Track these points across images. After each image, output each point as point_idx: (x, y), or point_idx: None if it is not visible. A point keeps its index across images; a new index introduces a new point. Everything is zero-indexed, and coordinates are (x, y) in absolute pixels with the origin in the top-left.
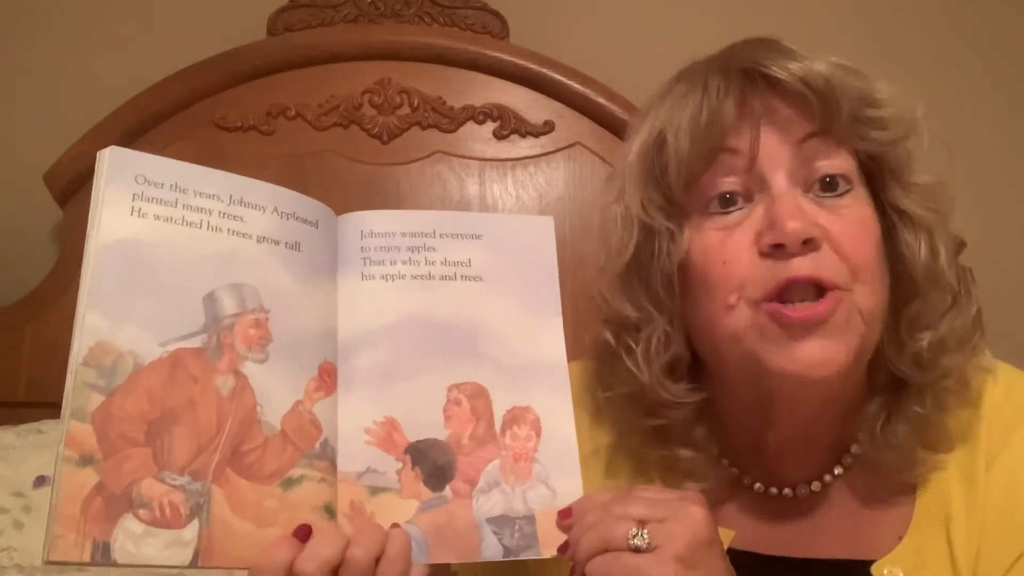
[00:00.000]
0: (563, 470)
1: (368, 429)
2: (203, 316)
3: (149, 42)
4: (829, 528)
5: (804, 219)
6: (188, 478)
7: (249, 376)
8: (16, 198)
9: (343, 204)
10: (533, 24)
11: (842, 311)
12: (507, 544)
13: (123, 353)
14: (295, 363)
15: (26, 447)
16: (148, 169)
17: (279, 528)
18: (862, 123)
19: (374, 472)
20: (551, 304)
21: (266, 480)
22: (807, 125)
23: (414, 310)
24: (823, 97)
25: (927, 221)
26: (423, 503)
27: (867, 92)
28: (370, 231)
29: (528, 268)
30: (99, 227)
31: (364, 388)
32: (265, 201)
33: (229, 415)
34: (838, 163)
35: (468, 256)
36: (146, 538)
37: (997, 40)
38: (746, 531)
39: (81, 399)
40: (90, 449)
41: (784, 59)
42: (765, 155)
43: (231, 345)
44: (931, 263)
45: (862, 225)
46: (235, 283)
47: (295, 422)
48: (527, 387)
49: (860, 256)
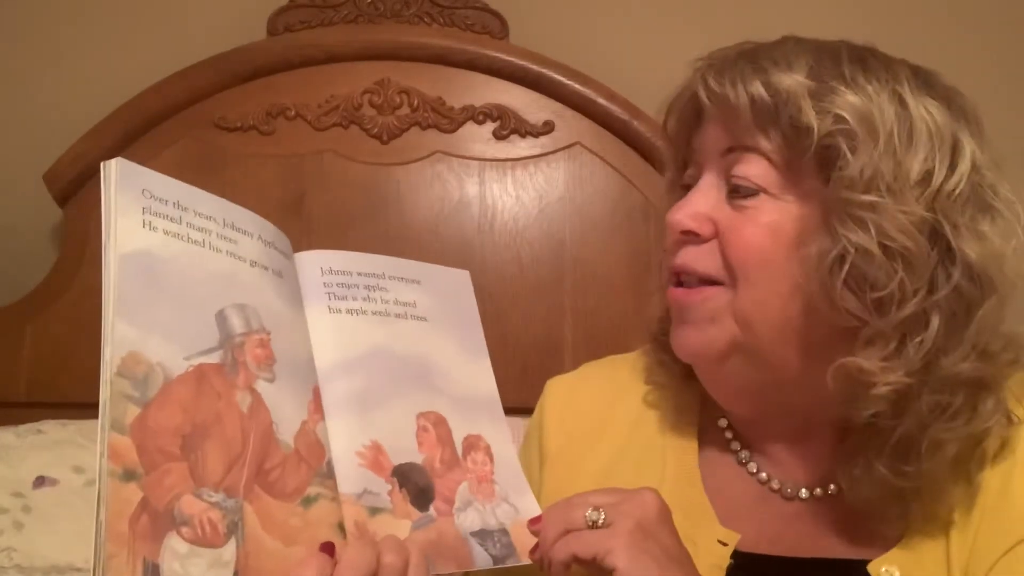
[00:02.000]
0: (517, 490)
1: (359, 452)
2: (217, 332)
3: (149, 42)
4: (829, 528)
5: (688, 213)
6: (223, 495)
7: (262, 394)
8: (16, 198)
9: (343, 204)
10: (533, 24)
11: (708, 305)
12: (493, 553)
13: (153, 365)
14: (297, 384)
15: (26, 447)
16: (153, 185)
17: (303, 546)
18: (788, 133)
19: (370, 493)
20: (480, 346)
21: (289, 498)
22: (726, 138)
23: (378, 342)
24: (734, 117)
25: (864, 204)
26: (414, 522)
27: (791, 107)
28: (330, 268)
29: (457, 313)
30: (116, 236)
31: (349, 413)
32: (251, 228)
33: (251, 431)
34: (745, 171)
35: (413, 298)
36: (191, 558)
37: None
38: (751, 530)
39: (119, 410)
40: (132, 463)
41: (718, 76)
42: (702, 157)
43: (244, 363)
44: (877, 253)
45: (759, 226)
46: (240, 303)
47: (306, 441)
48: (474, 418)
49: (741, 254)
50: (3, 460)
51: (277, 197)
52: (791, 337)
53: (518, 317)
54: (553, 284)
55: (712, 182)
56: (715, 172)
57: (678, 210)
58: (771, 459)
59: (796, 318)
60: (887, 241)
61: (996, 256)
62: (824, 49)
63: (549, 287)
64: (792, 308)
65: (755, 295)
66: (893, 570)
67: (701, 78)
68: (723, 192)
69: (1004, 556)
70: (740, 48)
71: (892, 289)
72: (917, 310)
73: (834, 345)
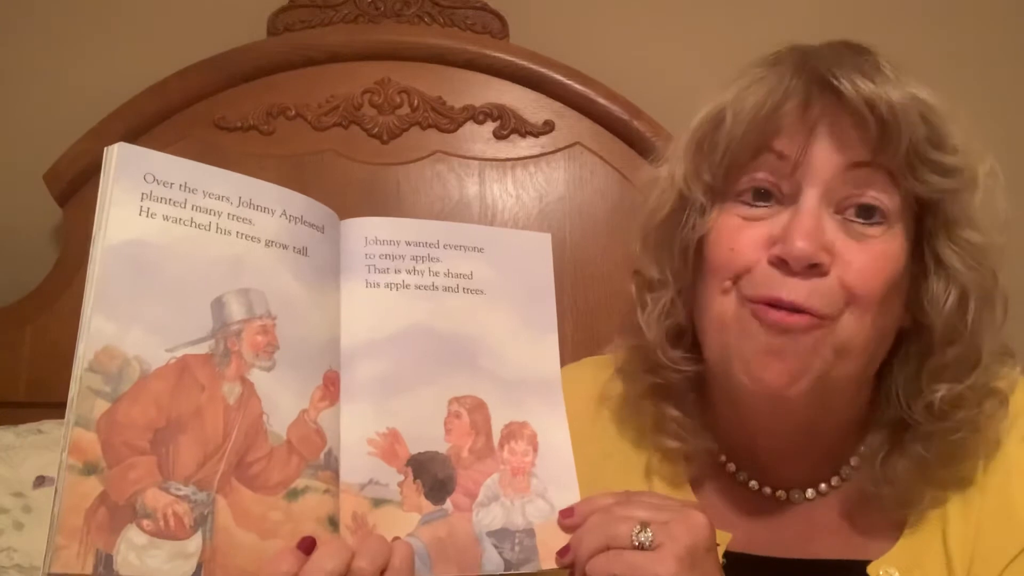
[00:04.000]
0: (561, 485)
1: (371, 440)
2: (211, 321)
3: (149, 42)
4: (825, 530)
5: (816, 242)
6: (193, 488)
7: (256, 384)
8: (16, 198)
9: (343, 204)
10: (533, 24)
11: (811, 337)
12: (507, 557)
13: (130, 359)
14: (301, 371)
15: (26, 447)
16: (157, 168)
17: (283, 540)
18: (923, 163)
19: (376, 484)
20: (547, 320)
21: (271, 491)
22: (861, 151)
23: (417, 320)
24: (884, 126)
25: (964, 279)
26: (424, 516)
27: (937, 133)
28: (375, 238)
29: (527, 284)
30: (106, 227)
31: (367, 398)
32: (274, 204)
33: (235, 424)
34: (881, 197)
35: (470, 269)
36: (149, 549)
37: None
38: (743, 533)
39: (86, 406)
40: (94, 458)
41: (861, 75)
42: (808, 168)
43: (239, 352)
44: (954, 319)
45: (879, 259)
46: (243, 288)
47: (301, 432)
48: (524, 402)
49: (864, 289)
50: (3, 460)
51: None
52: (873, 361)
53: None
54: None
55: (818, 202)
56: (823, 189)
57: (802, 238)
58: (760, 469)
59: (883, 344)
60: (987, 279)
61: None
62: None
63: None
64: (885, 334)
65: (863, 326)
66: (892, 571)
67: (842, 76)
68: (829, 211)
69: (1013, 562)
70: (847, 45)
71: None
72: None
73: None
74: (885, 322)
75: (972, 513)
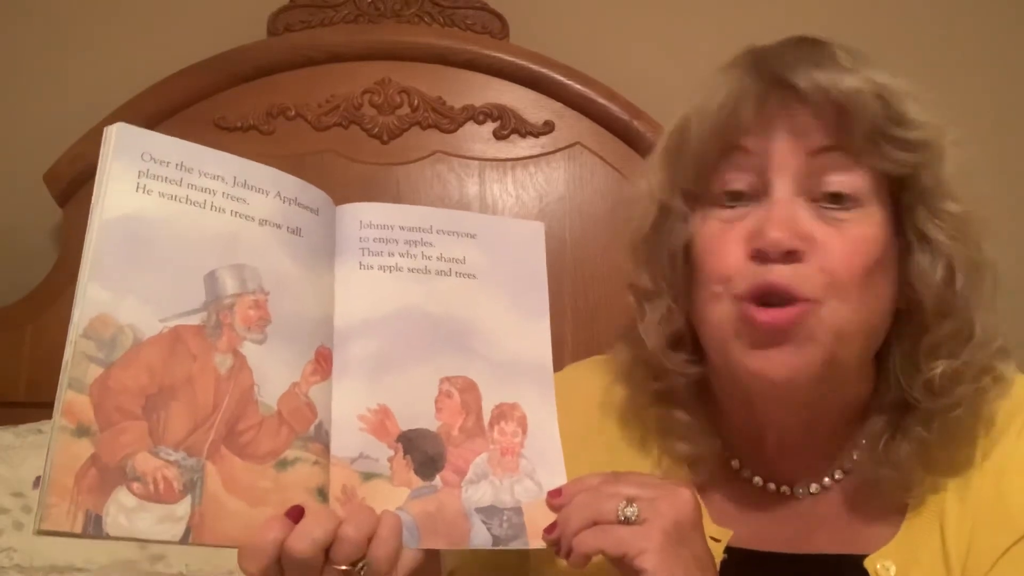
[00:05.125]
0: (548, 467)
1: (362, 416)
2: (204, 294)
3: (149, 42)
4: (827, 524)
5: (790, 230)
6: (183, 454)
7: (247, 356)
8: (16, 198)
9: (343, 203)
10: (533, 24)
11: (807, 323)
12: (496, 533)
13: (123, 327)
14: (293, 346)
15: (26, 447)
16: (154, 147)
17: (271, 508)
18: (887, 142)
19: (366, 458)
20: (539, 307)
21: (260, 460)
22: (822, 138)
23: (409, 302)
24: (842, 112)
25: (948, 249)
26: (413, 491)
27: (895, 111)
28: (369, 222)
29: (519, 270)
30: (103, 202)
31: (359, 375)
32: (268, 185)
33: (226, 393)
34: (849, 180)
35: (463, 254)
36: (139, 512)
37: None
38: (746, 529)
39: (79, 370)
40: (87, 420)
41: (814, 66)
42: (774, 161)
43: (231, 325)
44: (944, 292)
45: (858, 242)
46: (237, 264)
47: (291, 404)
48: (514, 384)
49: (845, 272)
50: (3, 460)
51: None
52: (871, 343)
53: None
54: (553, 284)
55: (791, 189)
56: (793, 178)
57: (778, 227)
58: (766, 465)
59: (879, 324)
60: (967, 245)
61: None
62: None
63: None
64: (879, 315)
65: (852, 309)
66: (889, 565)
67: (797, 69)
68: (804, 201)
69: (1006, 553)
70: (802, 40)
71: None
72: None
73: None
74: (877, 303)
75: (969, 508)
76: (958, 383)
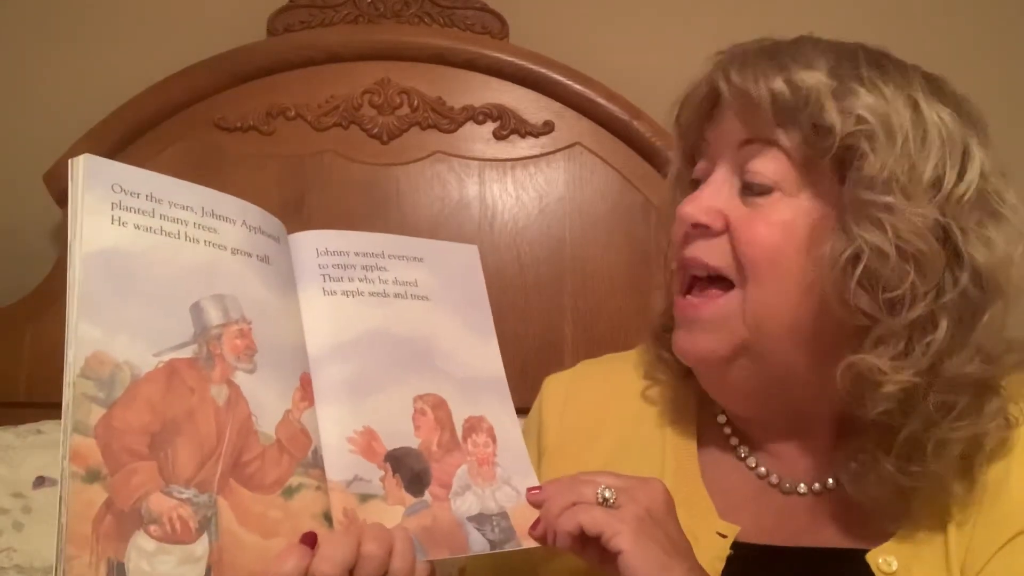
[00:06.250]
0: (520, 472)
1: (350, 438)
2: (192, 326)
3: (149, 42)
4: (830, 519)
5: (698, 206)
6: (194, 491)
7: (241, 386)
8: (16, 198)
9: (343, 204)
10: (533, 24)
11: (719, 311)
12: (490, 538)
13: (120, 363)
14: (280, 373)
15: (26, 447)
16: (123, 178)
17: (284, 538)
18: (816, 135)
19: (361, 480)
20: (487, 325)
21: (268, 490)
22: (747, 130)
23: (374, 325)
24: (757, 108)
25: (874, 240)
26: (408, 508)
27: (820, 106)
28: (325, 249)
29: (464, 291)
30: (81, 236)
31: (339, 399)
32: (234, 214)
33: (227, 425)
34: (761, 167)
35: (415, 277)
36: (159, 555)
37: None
38: (751, 522)
39: (82, 412)
40: (96, 464)
41: (741, 70)
42: (715, 151)
43: (221, 355)
44: (843, 279)
45: (770, 224)
46: (218, 294)
47: (288, 431)
48: (477, 398)
49: (752, 251)
50: (3, 460)
51: (277, 197)
52: (800, 337)
53: (518, 317)
54: (553, 284)
55: (725, 177)
56: (728, 166)
57: (690, 203)
58: (770, 454)
59: (806, 318)
60: (901, 243)
61: (1002, 261)
62: (842, 50)
63: (549, 287)
64: (803, 308)
65: (765, 295)
66: (891, 560)
67: (722, 71)
68: (735, 187)
69: (1002, 549)
70: (760, 44)
71: (904, 290)
72: (926, 312)
73: (841, 344)
74: (797, 291)
75: (972, 505)
76: (918, 399)
